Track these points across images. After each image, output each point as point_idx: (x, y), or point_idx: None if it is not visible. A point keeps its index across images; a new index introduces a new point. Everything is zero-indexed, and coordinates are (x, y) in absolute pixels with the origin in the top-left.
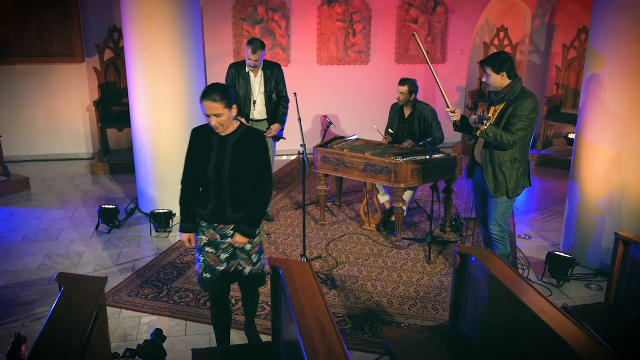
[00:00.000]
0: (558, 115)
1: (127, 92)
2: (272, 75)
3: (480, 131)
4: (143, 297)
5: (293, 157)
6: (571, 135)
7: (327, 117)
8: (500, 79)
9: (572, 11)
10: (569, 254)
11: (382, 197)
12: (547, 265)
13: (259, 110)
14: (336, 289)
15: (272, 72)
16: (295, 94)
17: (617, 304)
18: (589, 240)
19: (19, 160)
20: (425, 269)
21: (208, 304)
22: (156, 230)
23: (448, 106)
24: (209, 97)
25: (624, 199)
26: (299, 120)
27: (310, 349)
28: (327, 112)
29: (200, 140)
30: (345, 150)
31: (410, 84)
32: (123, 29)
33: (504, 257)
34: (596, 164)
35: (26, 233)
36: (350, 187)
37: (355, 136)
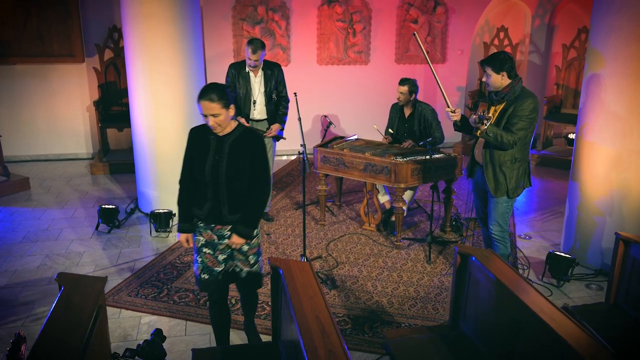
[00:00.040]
0: (558, 115)
1: (127, 92)
2: (272, 75)
3: (480, 131)
4: (143, 297)
5: (293, 157)
6: (571, 136)
7: (327, 117)
8: (500, 79)
9: (572, 11)
10: (570, 254)
11: (383, 197)
12: (548, 266)
13: (259, 111)
14: (336, 289)
15: (272, 72)
16: (296, 94)
17: (618, 304)
18: (590, 240)
19: (19, 160)
20: (425, 269)
21: (208, 304)
22: (156, 231)
23: (448, 106)
24: (206, 97)
25: (624, 199)
26: (299, 120)
27: (310, 349)
28: (327, 112)
29: (198, 140)
30: (345, 151)
31: (410, 84)
32: (123, 29)
33: (504, 257)
34: (597, 164)
35: (26, 233)
36: (351, 187)
37: (355, 136)
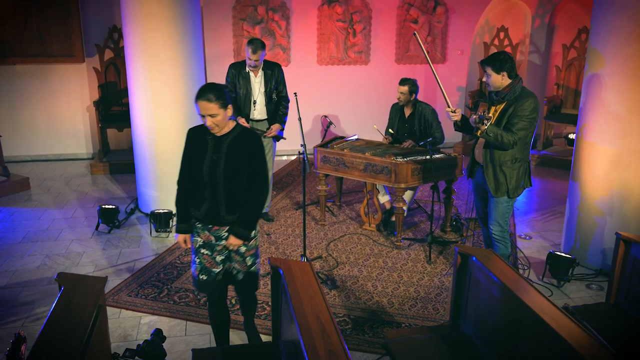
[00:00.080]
0: (558, 115)
1: (127, 92)
2: (272, 75)
3: (480, 131)
4: (143, 297)
5: (293, 158)
6: (571, 136)
7: (327, 118)
8: (500, 79)
9: (572, 11)
10: (570, 254)
11: (383, 198)
12: (548, 266)
13: (259, 111)
14: (336, 290)
15: (272, 72)
16: (296, 94)
17: (618, 304)
18: (590, 240)
19: (19, 160)
20: (425, 269)
21: (207, 304)
22: (156, 231)
23: (449, 106)
24: (203, 97)
25: (624, 199)
26: (300, 120)
27: (311, 349)
28: (328, 112)
29: (196, 141)
30: (345, 151)
31: (410, 84)
32: (123, 29)
33: (504, 258)
34: (597, 164)
35: (26, 233)
36: (351, 188)
37: (355, 136)
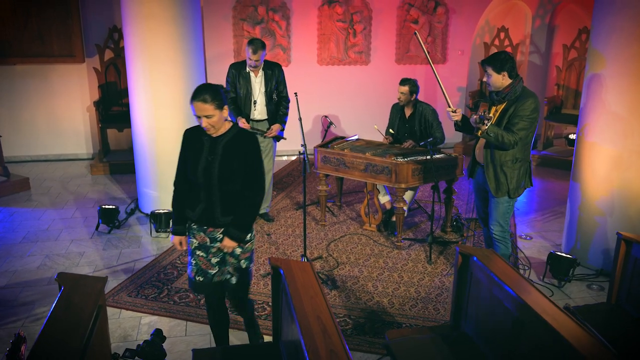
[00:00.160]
0: (559, 115)
1: (128, 92)
2: (272, 75)
3: (481, 131)
4: (143, 297)
5: (294, 158)
6: (572, 136)
7: (327, 118)
8: (501, 79)
9: (572, 12)
10: (571, 255)
11: (383, 198)
12: (549, 266)
13: (259, 111)
14: (337, 290)
15: (272, 72)
16: (296, 94)
17: (619, 304)
18: (591, 240)
19: (19, 160)
20: (426, 270)
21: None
22: (156, 231)
23: (449, 106)
24: (199, 98)
25: (625, 199)
26: (300, 120)
27: (311, 349)
28: (328, 112)
29: (191, 141)
30: (346, 151)
31: (411, 84)
32: (123, 29)
33: (505, 258)
34: (597, 165)
35: (26, 233)
36: (351, 188)
37: (356, 136)
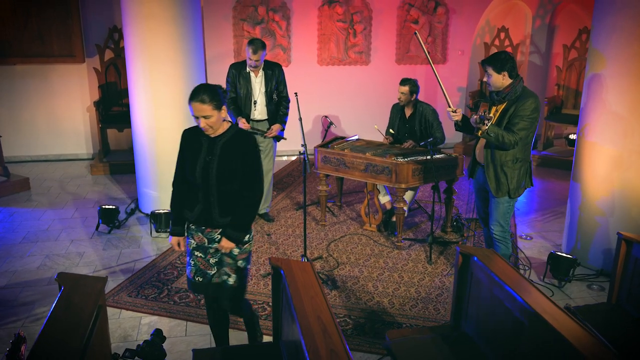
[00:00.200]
0: (559, 116)
1: (128, 92)
2: (272, 75)
3: (481, 131)
4: (143, 297)
5: (294, 158)
6: (572, 136)
7: (327, 118)
8: (501, 79)
9: (573, 12)
10: (571, 255)
11: (383, 198)
12: (549, 266)
13: (259, 111)
14: (337, 290)
15: (272, 72)
16: (296, 94)
17: (620, 305)
18: (591, 240)
19: (19, 160)
20: (426, 270)
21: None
22: (156, 231)
23: (450, 106)
24: (197, 99)
25: (625, 199)
26: (300, 120)
27: (312, 349)
28: (328, 112)
29: (190, 142)
30: (346, 151)
31: (411, 84)
32: (123, 29)
33: (505, 258)
34: (598, 165)
35: (26, 234)
36: (351, 188)
37: (356, 136)
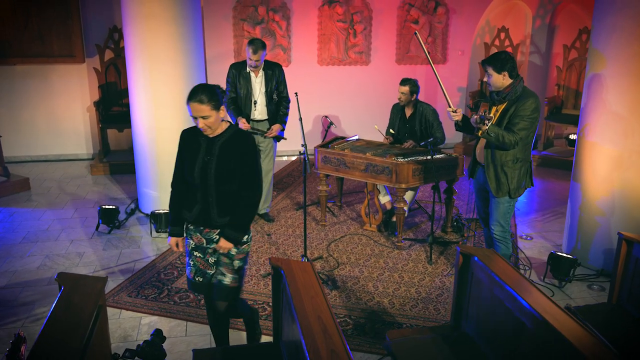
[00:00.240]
0: (559, 116)
1: (128, 92)
2: (273, 75)
3: (482, 131)
4: (143, 297)
5: (294, 158)
6: (572, 136)
7: (328, 118)
8: (501, 79)
9: (573, 12)
10: (571, 255)
11: (383, 198)
12: (549, 266)
13: (259, 111)
14: (337, 290)
15: (273, 72)
16: (297, 94)
17: (620, 305)
18: (591, 240)
19: (19, 160)
20: (426, 270)
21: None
22: (156, 231)
23: (450, 106)
24: (195, 99)
25: (626, 199)
26: (300, 120)
27: (312, 349)
28: (328, 112)
29: (188, 142)
30: (346, 151)
31: (411, 84)
32: (124, 29)
33: (506, 258)
34: (598, 165)
35: (26, 234)
36: (352, 188)
37: (356, 136)
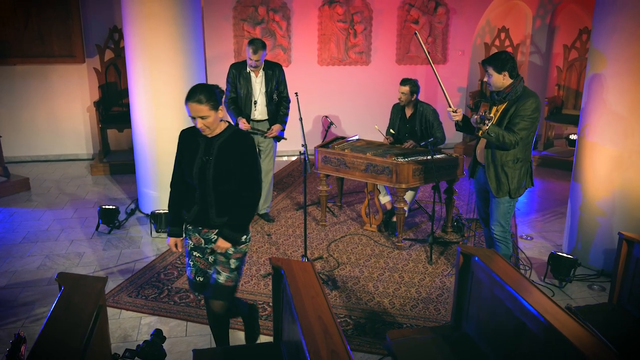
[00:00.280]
0: (559, 116)
1: (128, 92)
2: (273, 75)
3: (482, 131)
4: (143, 297)
5: (294, 158)
6: (573, 136)
7: (328, 118)
8: (502, 79)
9: (573, 12)
10: (572, 255)
11: (384, 198)
12: (550, 266)
13: (260, 111)
14: (337, 290)
15: (273, 72)
16: (297, 94)
17: (621, 305)
18: (592, 240)
19: (19, 161)
20: (426, 270)
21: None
22: (156, 231)
23: (450, 106)
24: (194, 99)
25: (626, 199)
26: (300, 120)
27: (313, 350)
28: (328, 112)
29: (187, 142)
30: (346, 151)
31: (411, 84)
32: (124, 29)
33: (506, 258)
34: (598, 165)
35: (26, 234)
36: (352, 188)
37: (356, 136)
